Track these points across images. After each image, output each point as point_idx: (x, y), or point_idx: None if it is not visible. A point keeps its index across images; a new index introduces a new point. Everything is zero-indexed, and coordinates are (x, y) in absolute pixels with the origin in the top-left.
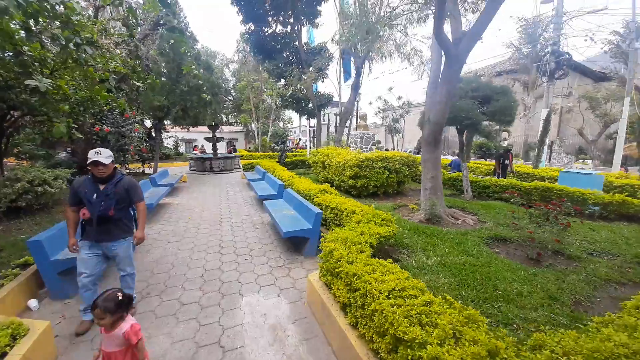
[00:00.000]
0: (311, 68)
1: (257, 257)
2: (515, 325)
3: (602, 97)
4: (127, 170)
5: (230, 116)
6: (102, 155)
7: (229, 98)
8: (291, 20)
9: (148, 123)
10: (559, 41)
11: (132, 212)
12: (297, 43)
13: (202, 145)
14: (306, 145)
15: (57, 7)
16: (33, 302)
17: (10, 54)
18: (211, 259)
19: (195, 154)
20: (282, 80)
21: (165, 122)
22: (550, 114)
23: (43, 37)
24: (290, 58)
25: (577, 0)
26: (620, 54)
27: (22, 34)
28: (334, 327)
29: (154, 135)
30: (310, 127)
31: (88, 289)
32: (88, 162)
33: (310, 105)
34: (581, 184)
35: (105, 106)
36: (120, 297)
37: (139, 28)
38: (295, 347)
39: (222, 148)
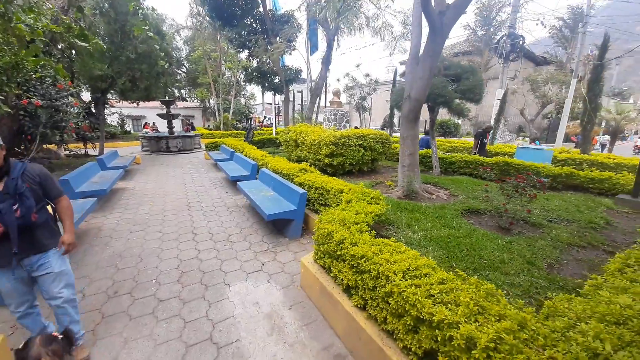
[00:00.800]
0: (278, 38)
1: (237, 242)
2: (505, 291)
3: (542, 80)
4: (66, 152)
5: (183, 90)
6: None
7: (182, 70)
8: None
9: (86, 96)
10: (515, 24)
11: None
12: (261, 9)
13: (153, 123)
14: (271, 123)
15: None
16: None
17: None
18: (185, 247)
19: (146, 132)
20: (246, 51)
21: (110, 95)
22: (506, 95)
23: None
24: (254, 26)
25: None
26: (562, 39)
27: None
28: (337, 310)
29: (94, 110)
30: (275, 104)
31: (27, 314)
32: None
33: (277, 79)
34: (534, 158)
35: (35, 74)
36: (60, 335)
37: None
38: (296, 333)
39: (177, 126)
